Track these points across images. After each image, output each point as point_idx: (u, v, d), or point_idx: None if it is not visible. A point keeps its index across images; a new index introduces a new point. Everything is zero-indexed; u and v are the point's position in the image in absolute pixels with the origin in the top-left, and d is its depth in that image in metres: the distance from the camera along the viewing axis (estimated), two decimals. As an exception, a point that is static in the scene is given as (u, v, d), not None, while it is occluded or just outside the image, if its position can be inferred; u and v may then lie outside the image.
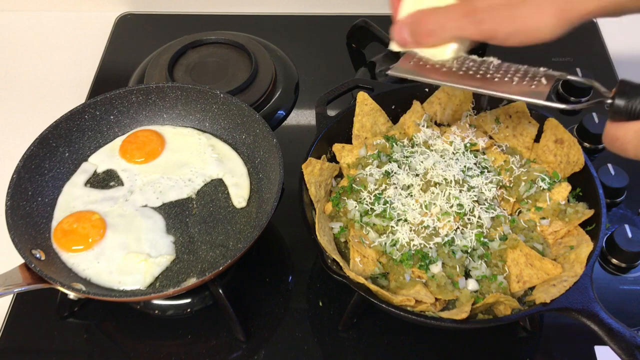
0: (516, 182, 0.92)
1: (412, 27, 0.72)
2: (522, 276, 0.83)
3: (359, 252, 0.86)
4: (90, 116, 1.06)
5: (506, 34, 0.64)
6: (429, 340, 0.92)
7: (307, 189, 0.90)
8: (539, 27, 0.63)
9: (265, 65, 1.27)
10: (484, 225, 0.88)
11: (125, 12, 1.50)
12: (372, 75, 1.30)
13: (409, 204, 0.90)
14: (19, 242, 0.86)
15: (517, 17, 0.63)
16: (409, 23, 0.72)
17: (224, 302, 0.90)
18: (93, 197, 1.01)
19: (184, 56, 1.30)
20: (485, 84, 0.72)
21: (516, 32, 0.64)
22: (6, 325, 0.95)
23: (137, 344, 0.94)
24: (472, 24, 0.65)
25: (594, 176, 0.89)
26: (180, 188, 1.03)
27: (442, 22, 0.68)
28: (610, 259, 1.00)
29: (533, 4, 0.62)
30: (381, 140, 0.98)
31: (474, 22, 0.65)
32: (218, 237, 0.97)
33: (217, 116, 1.10)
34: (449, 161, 0.94)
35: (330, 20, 1.46)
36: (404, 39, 0.73)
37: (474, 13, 0.65)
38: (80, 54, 1.41)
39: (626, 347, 0.70)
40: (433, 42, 0.71)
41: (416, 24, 0.71)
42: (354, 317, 0.92)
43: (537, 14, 0.62)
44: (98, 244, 0.94)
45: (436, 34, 0.69)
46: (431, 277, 0.82)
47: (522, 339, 0.93)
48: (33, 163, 0.97)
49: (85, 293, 0.83)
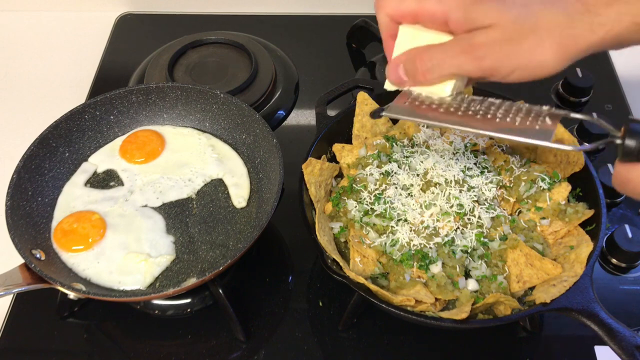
0: (516, 182, 0.92)
1: (408, 65, 0.69)
2: (522, 276, 0.83)
3: (359, 252, 0.86)
4: (90, 116, 1.06)
5: (507, 71, 0.63)
6: (429, 340, 0.92)
7: (307, 189, 0.90)
8: (541, 63, 0.61)
9: (265, 65, 1.27)
10: (484, 225, 0.88)
11: (125, 12, 1.50)
12: (372, 75, 1.30)
13: (409, 204, 0.90)
14: (19, 242, 0.86)
15: (518, 53, 0.61)
16: (404, 61, 0.70)
17: (224, 302, 0.90)
18: (93, 197, 1.01)
19: (184, 56, 1.30)
20: (487, 124, 0.69)
21: (517, 68, 0.62)
22: (6, 325, 0.95)
23: (137, 344, 0.94)
24: (471, 60, 0.63)
25: (594, 176, 0.89)
26: (180, 188, 1.03)
27: (439, 59, 0.66)
28: (610, 259, 1.00)
29: (534, 39, 0.61)
30: (381, 140, 0.98)
31: (474, 58, 0.63)
32: (218, 237, 0.97)
33: (217, 116, 1.10)
34: (449, 161, 0.94)
35: (330, 20, 1.46)
36: (399, 78, 0.71)
37: (473, 49, 0.63)
38: (80, 54, 1.41)
39: (626, 347, 0.70)
40: (431, 80, 0.69)
41: (412, 61, 0.69)
42: (354, 317, 0.92)
43: (539, 49, 0.61)
44: (98, 244, 0.94)
45: (434, 71, 0.67)
46: (431, 277, 0.82)
47: (522, 339, 0.93)
48: (33, 163, 0.97)
49: (85, 293, 0.83)
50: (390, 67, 0.72)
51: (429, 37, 0.68)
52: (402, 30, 0.71)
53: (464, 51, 0.64)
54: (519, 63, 0.62)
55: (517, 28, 0.61)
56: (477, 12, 0.63)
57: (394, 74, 0.72)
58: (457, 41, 0.65)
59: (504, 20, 0.62)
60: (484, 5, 0.63)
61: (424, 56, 0.67)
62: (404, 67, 0.70)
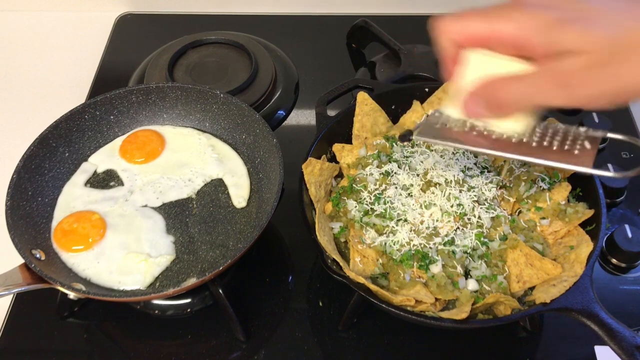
0: (516, 182, 0.92)
1: (488, 99, 0.63)
2: (522, 276, 0.83)
3: (359, 252, 0.86)
4: (90, 116, 1.06)
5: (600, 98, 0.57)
6: (429, 340, 0.92)
7: (307, 189, 0.90)
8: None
9: (265, 65, 1.27)
10: (484, 225, 0.88)
11: (125, 12, 1.50)
12: (372, 75, 1.30)
13: (409, 204, 0.90)
14: (19, 242, 0.86)
15: (618, 76, 0.55)
16: (483, 95, 0.64)
17: (224, 302, 0.90)
18: (93, 197, 1.01)
19: (184, 56, 1.30)
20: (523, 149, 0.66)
21: (618, 93, 0.56)
22: (6, 325, 0.95)
23: (137, 344, 0.94)
24: (562, 91, 0.57)
25: (594, 176, 0.89)
26: (180, 188, 1.03)
27: (525, 91, 0.60)
28: (610, 259, 1.00)
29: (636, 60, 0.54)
30: (381, 140, 0.98)
31: (565, 88, 0.57)
32: (218, 237, 0.97)
33: (217, 116, 1.10)
34: (448, 161, 0.94)
35: (330, 20, 1.46)
36: (478, 112, 0.65)
37: (562, 78, 0.57)
38: (80, 54, 1.41)
39: (626, 347, 0.70)
40: (512, 113, 0.64)
41: (493, 95, 0.63)
42: (354, 317, 0.92)
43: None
44: (98, 244, 0.94)
45: (518, 104, 0.62)
46: (431, 277, 0.82)
47: (522, 339, 0.93)
48: (33, 163, 0.97)
49: (85, 293, 0.83)
50: (468, 101, 0.66)
51: (503, 64, 0.63)
52: (471, 56, 0.66)
53: (553, 81, 0.58)
54: (619, 87, 0.56)
55: (611, 50, 0.55)
56: (561, 36, 0.57)
57: (472, 108, 0.66)
58: (544, 70, 0.59)
59: (593, 43, 0.56)
60: (567, 27, 0.56)
61: (507, 89, 0.62)
62: (484, 101, 0.64)
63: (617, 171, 0.66)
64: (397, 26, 1.38)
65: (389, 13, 1.45)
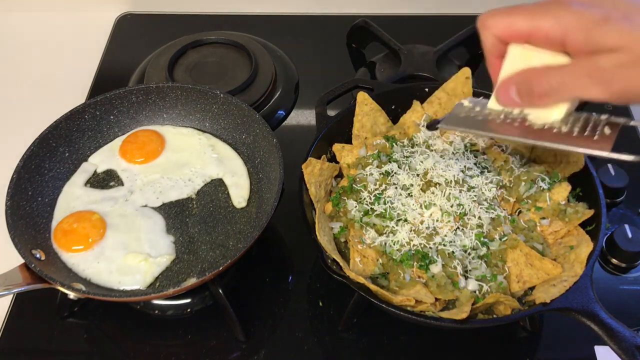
0: (516, 182, 0.92)
1: (522, 87, 0.66)
2: (522, 276, 0.83)
3: (359, 252, 0.86)
4: (90, 116, 1.06)
5: (638, 94, 0.59)
6: (429, 340, 0.92)
7: (307, 189, 0.90)
8: None
9: (265, 65, 1.27)
10: (484, 225, 0.88)
11: (125, 12, 1.50)
12: (372, 75, 1.30)
13: (408, 204, 0.90)
14: (19, 242, 0.86)
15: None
16: (518, 82, 0.66)
17: (224, 302, 0.90)
18: (93, 197, 1.01)
19: (184, 56, 1.30)
20: (545, 136, 0.67)
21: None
22: (6, 325, 0.95)
23: (137, 344, 0.94)
24: (597, 84, 0.60)
25: (594, 176, 0.89)
26: (180, 188, 1.03)
27: (560, 82, 0.62)
28: (610, 259, 1.00)
29: None
30: (381, 140, 0.98)
31: (601, 81, 0.59)
32: (218, 237, 0.97)
33: (217, 116, 1.10)
34: (448, 161, 0.94)
35: (330, 20, 1.46)
36: (511, 100, 0.68)
37: (599, 72, 0.59)
38: (80, 54, 1.41)
39: (626, 347, 0.70)
40: (547, 103, 0.66)
41: (527, 83, 0.65)
42: (354, 317, 0.92)
43: None
44: (98, 244, 0.94)
45: (552, 95, 0.64)
46: (431, 277, 0.82)
47: (522, 339, 0.93)
48: (33, 163, 0.97)
49: (85, 293, 0.83)
50: (501, 88, 0.68)
51: (543, 58, 0.65)
52: (512, 50, 0.68)
53: (589, 75, 0.60)
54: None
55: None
56: (602, 34, 0.59)
57: (504, 95, 0.68)
58: (581, 64, 0.61)
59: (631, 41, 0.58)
60: (608, 26, 0.59)
61: (541, 78, 0.64)
62: (517, 89, 0.67)
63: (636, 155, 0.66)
64: (397, 26, 1.38)
65: (389, 13, 1.45)
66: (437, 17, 1.44)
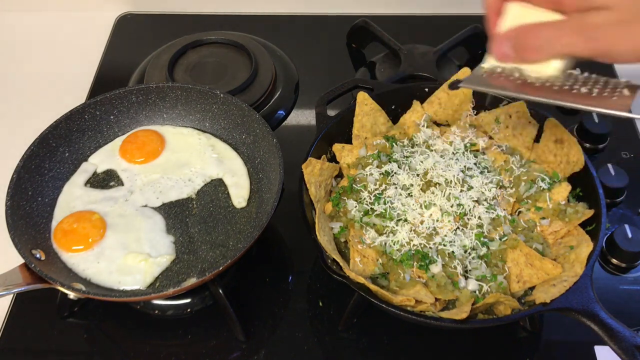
0: (516, 182, 0.92)
1: (516, 42, 0.68)
2: (522, 276, 0.83)
3: (359, 252, 0.86)
4: (90, 116, 1.06)
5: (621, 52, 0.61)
6: (429, 340, 0.92)
7: (307, 189, 0.90)
8: None
9: (265, 65, 1.27)
10: (484, 225, 0.88)
11: (125, 12, 1.50)
12: (372, 75, 1.30)
13: (408, 204, 0.90)
14: (19, 242, 0.86)
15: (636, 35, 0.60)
16: (512, 37, 0.69)
17: (224, 302, 0.90)
18: (93, 197, 1.01)
19: (184, 56, 1.30)
20: (564, 95, 0.69)
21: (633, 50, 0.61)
22: (6, 325, 0.95)
23: (137, 344, 0.94)
24: (584, 41, 0.62)
25: (594, 176, 0.89)
26: (180, 188, 1.03)
27: (550, 37, 0.65)
28: (610, 259, 1.00)
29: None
30: (381, 140, 0.98)
31: (587, 39, 0.62)
32: (218, 237, 0.97)
33: (217, 116, 1.10)
34: (448, 161, 0.94)
35: (330, 20, 1.46)
36: (505, 54, 0.70)
37: (587, 30, 0.62)
38: (80, 54, 1.41)
39: (626, 347, 0.70)
40: (538, 58, 0.68)
41: (521, 38, 0.68)
42: (354, 317, 0.92)
43: None
44: (98, 244, 0.94)
45: (543, 50, 0.66)
46: (431, 277, 0.82)
47: (522, 339, 0.93)
48: (33, 163, 0.97)
49: (85, 293, 0.83)
50: (497, 42, 0.71)
51: (539, 15, 0.68)
52: (510, 7, 0.71)
53: (577, 31, 0.63)
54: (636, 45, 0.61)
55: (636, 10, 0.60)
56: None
57: (500, 49, 0.71)
58: (570, 20, 0.64)
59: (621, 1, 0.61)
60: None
61: (534, 33, 0.66)
62: (512, 43, 0.69)
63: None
64: (397, 26, 1.38)
65: (389, 13, 1.45)
66: (437, 17, 1.44)
